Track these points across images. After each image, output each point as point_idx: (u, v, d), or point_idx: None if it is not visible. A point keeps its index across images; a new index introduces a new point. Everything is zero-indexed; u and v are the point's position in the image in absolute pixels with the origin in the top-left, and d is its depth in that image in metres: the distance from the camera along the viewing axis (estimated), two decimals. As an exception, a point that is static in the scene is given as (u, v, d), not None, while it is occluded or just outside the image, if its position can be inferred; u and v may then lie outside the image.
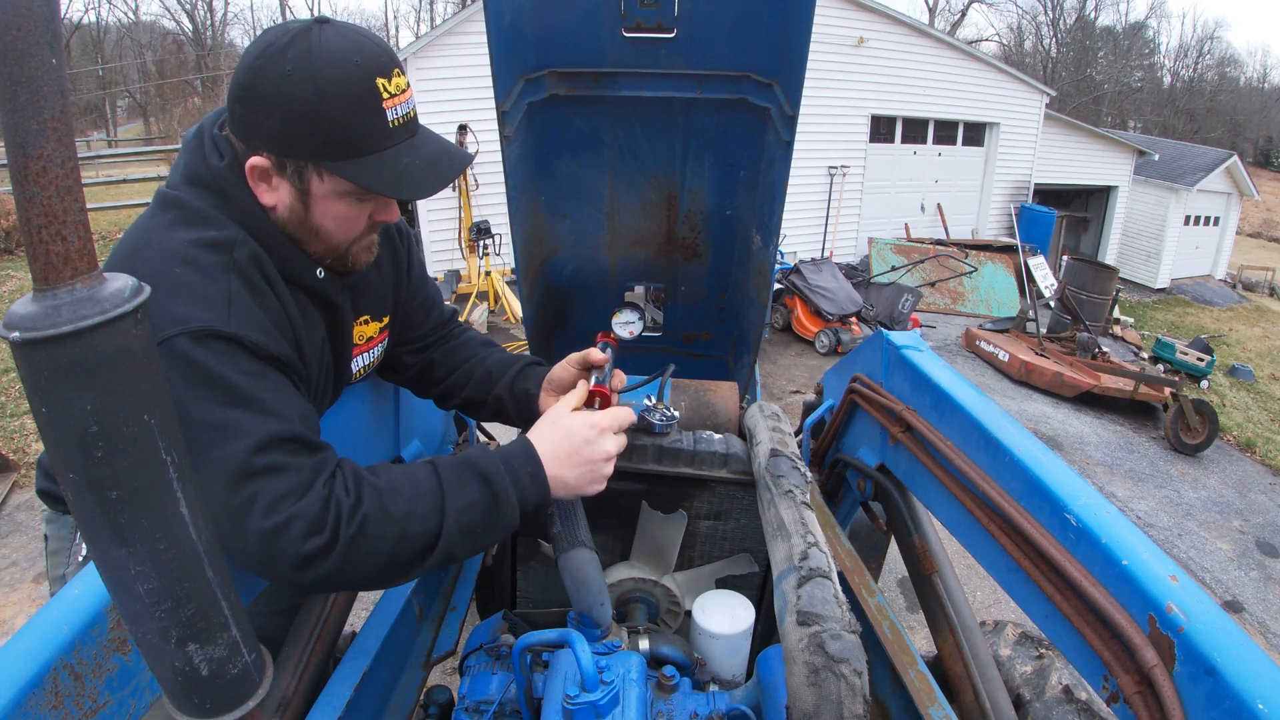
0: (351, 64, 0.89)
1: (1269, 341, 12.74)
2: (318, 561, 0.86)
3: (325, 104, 0.89)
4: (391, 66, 0.93)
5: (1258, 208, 24.64)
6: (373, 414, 1.58)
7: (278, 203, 0.98)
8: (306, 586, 0.89)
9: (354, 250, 1.08)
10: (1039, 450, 1.16)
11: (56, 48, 0.51)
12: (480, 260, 7.71)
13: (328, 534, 0.86)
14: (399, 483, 0.94)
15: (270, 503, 0.83)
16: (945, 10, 35.12)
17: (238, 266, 0.94)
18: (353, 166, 0.93)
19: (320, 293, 1.08)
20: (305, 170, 0.95)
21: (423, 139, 0.99)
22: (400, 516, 0.91)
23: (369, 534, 0.89)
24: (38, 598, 3.50)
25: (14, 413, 5.25)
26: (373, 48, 0.92)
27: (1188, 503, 6.06)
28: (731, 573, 1.51)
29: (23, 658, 0.74)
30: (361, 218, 1.04)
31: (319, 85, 0.88)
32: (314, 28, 0.90)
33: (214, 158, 0.96)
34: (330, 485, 0.89)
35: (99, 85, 26.69)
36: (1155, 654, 0.83)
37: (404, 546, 0.92)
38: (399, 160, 0.95)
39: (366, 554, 0.89)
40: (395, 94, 0.93)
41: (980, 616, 1.50)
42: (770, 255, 1.99)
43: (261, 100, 0.90)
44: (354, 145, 0.92)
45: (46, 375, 0.53)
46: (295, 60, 0.88)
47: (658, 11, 1.67)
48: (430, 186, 0.98)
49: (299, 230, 1.01)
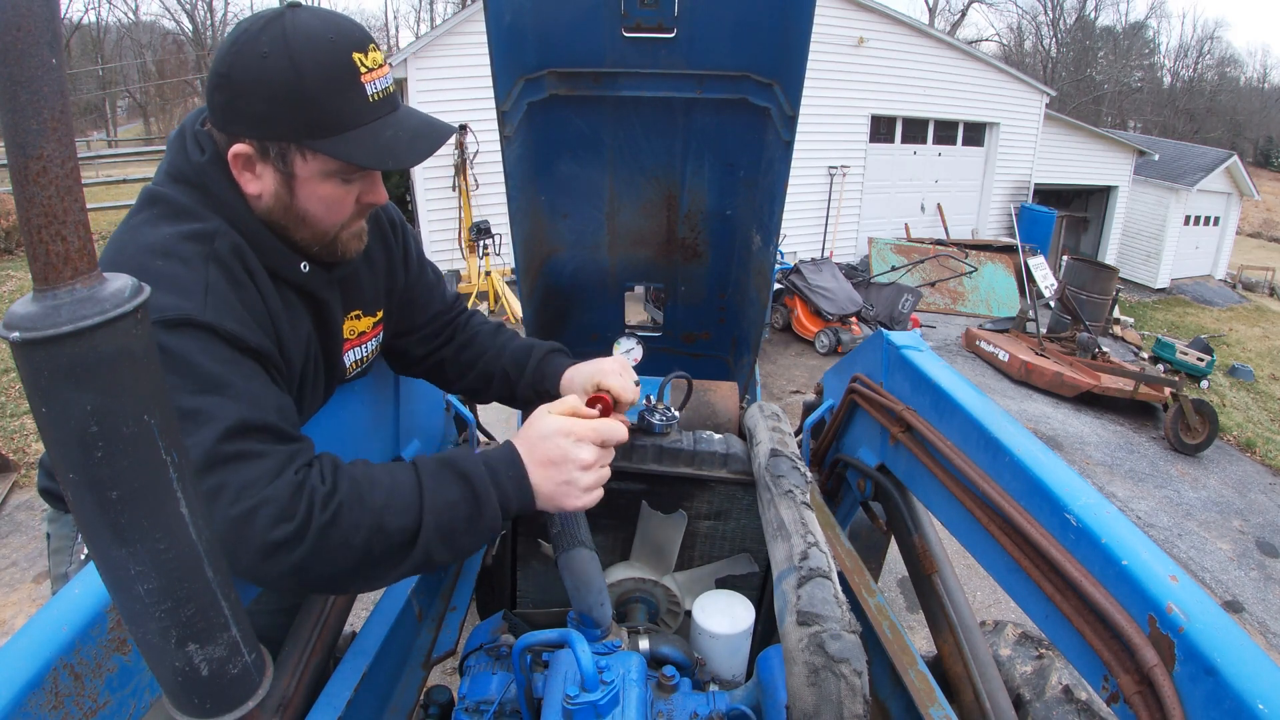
0: (327, 41, 0.90)
1: (1269, 341, 12.73)
2: (285, 550, 0.82)
3: (304, 82, 0.89)
4: (367, 42, 0.94)
5: (1258, 208, 24.64)
6: (372, 414, 1.58)
7: (262, 190, 0.97)
8: (272, 580, 0.85)
9: (343, 237, 1.06)
10: (1039, 450, 1.16)
11: (56, 48, 0.50)
12: (480, 260, 7.72)
13: (298, 521, 0.82)
14: (377, 476, 0.92)
15: (239, 489, 0.81)
16: (945, 10, 35.14)
17: (218, 257, 0.93)
18: (335, 143, 0.93)
19: (305, 287, 1.07)
20: (289, 152, 0.94)
21: (405, 113, 0.99)
22: (378, 508, 0.88)
23: (343, 523, 0.85)
24: (38, 598, 3.50)
25: (14, 413, 5.25)
26: (347, 25, 0.93)
27: (1188, 503, 6.06)
28: (731, 573, 1.51)
29: (23, 658, 0.74)
30: (349, 199, 1.02)
31: (296, 64, 0.88)
32: (286, 12, 0.90)
33: (195, 153, 0.96)
34: (305, 472, 0.86)
35: (99, 85, 26.69)
36: (1155, 654, 0.83)
37: (379, 541, 0.88)
38: (382, 133, 0.95)
39: (339, 545, 0.85)
40: (373, 68, 0.94)
41: (980, 616, 1.50)
42: (770, 255, 1.99)
43: (240, 85, 0.90)
44: (336, 121, 0.92)
45: (46, 375, 0.53)
46: (271, 42, 0.88)
47: (658, 11, 1.67)
48: (415, 156, 0.97)
49: (285, 217, 1.00)
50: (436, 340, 1.41)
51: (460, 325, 1.43)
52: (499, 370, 1.36)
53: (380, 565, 0.90)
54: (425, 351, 1.41)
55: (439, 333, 1.41)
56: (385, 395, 1.63)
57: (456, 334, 1.42)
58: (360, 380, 1.45)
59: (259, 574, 0.84)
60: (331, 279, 1.12)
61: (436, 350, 1.41)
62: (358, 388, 1.47)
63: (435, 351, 1.41)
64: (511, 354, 1.37)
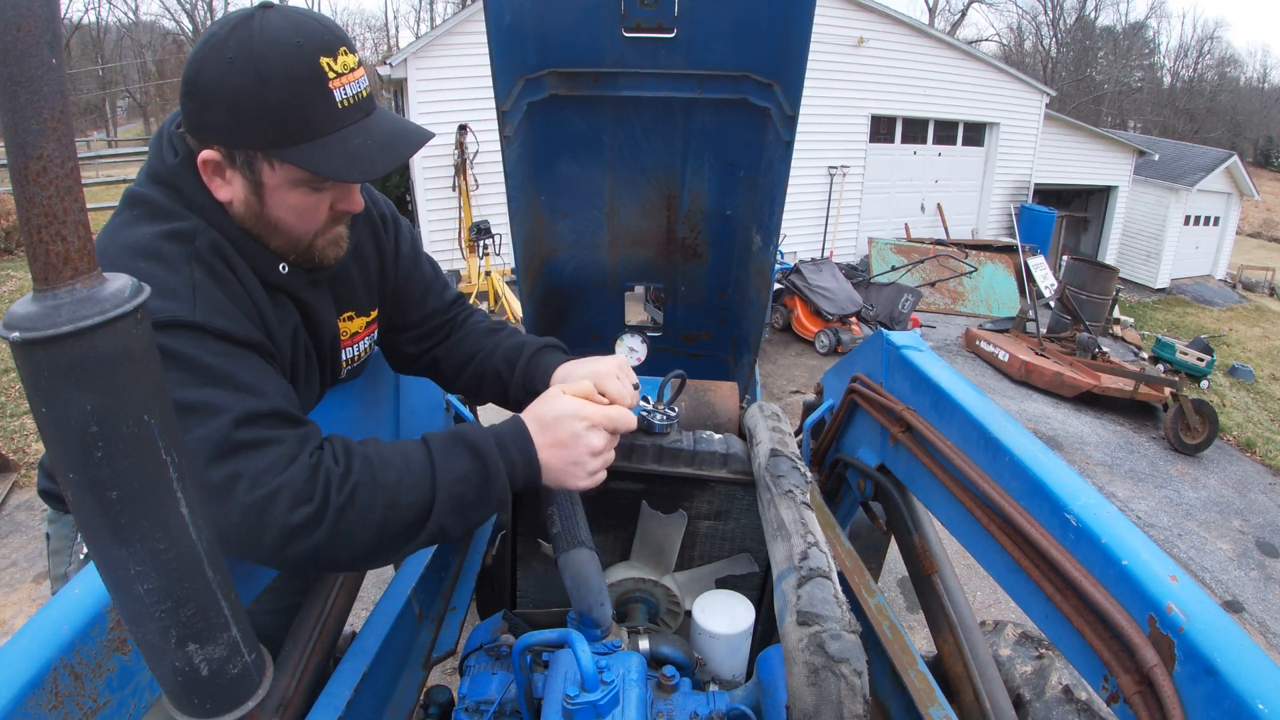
0: (293, 45, 0.87)
1: (1269, 341, 12.73)
2: (305, 533, 0.83)
3: (268, 89, 0.87)
4: (337, 45, 0.90)
5: (1258, 208, 24.64)
6: (372, 414, 1.58)
7: (233, 197, 0.96)
8: (291, 563, 0.86)
9: (319, 244, 1.04)
10: (1039, 450, 1.16)
11: (56, 48, 0.51)
12: (480, 260, 7.71)
13: (316, 503, 0.83)
14: (389, 454, 0.93)
15: (255, 475, 0.81)
16: (945, 10, 35.15)
17: (199, 256, 0.93)
18: (300, 151, 0.90)
19: (285, 288, 1.06)
20: (255, 160, 0.93)
21: (377, 119, 0.96)
22: (391, 485, 0.89)
23: (359, 503, 0.86)
24: (38, 598, 3.50)
25: (14, 413, 5.25)
26: (315, 27, 0.90)
27: (1188, 503, 6.06)
28: (731, 573, 1.51)
29: (23, 658, 0.74)
30: (321, 208, 1.00)
31: (261, 70, 0.86)
32: (256, 14, 0.88)
33: (169, 155, 0.96)
34: (318, 455, 0.87)
35: (99, 85, 26.69)
36: (1155, 654, 0.83)
37: (394, 517, 0.89)
38: (349, 142, 0.92)
39: (356, 525, 0.86)
40: (343, 73, 0.91)
41: (980, 616, 1.50)
42: (770, 255, 1.99)
43: (206, 93, 0.89)
44: (301, 129, 0.90)
45: (46, 375, 0.53)
46: (236, 48, 0.86)
47: (658, 11, 1.67)
48: (383, 166, 0.94)
49: (256, 225, 0.99)
50: (432, 339, 1.39)
51: (457, 323, 1.41)
52: (491, 370, 1.35)
53: (396, 540, 0.91)
54: (419, 350, 1.39)
55: (434, 331, 1.39)
56: (385, 396, 1.63)
57: (452, 332, 1.40)
58: (360, 381, 1.45)
59: (280, 558, 0.85)
60: (316, 279, 1.11)
61: (431, 349, 1.39)
62: (357, 388, 1.47)
63: (430, 350, 1.39)
64: (504, 353, 1.35)
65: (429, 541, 0.95)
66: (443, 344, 1.39)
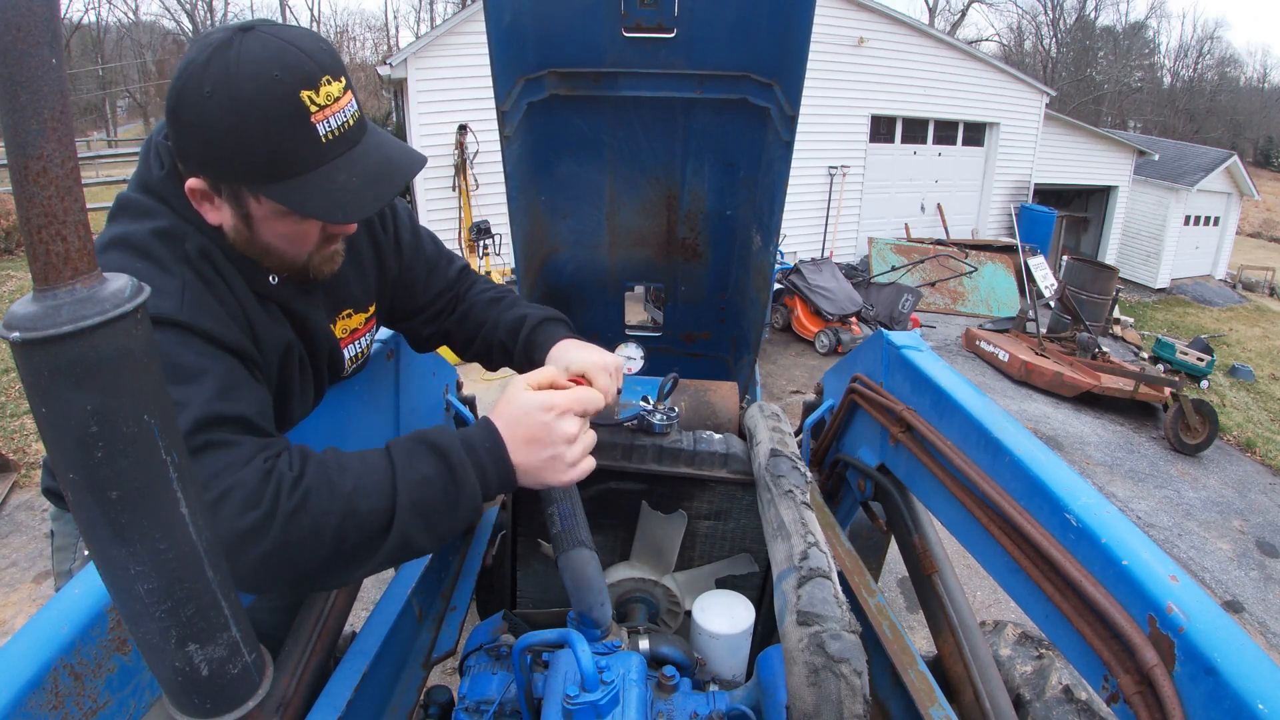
0: (271, 80, 0.83)
1: (1269, 341, 12.73)
2: (253, 540, 0.79)
3: (246, 126, 0.83)
4: (319, 75, 0.86)
5: (1258, 208, 24.63)
6: (371, 415, 1.58)
7: (223, 222, 0.95)
8: (246, 573, 0.81)
9: (313, 263, 1.04)
10: (1039, 450, 1.16)
11: (56, 48, 0.51)
12: (480, 260, 7.72)
13: (265, 506, 0.79)
14: (347, 460, 0.89)
15: (207, 477, 0.79)
16: (945, 10, 35.14)
17: (189, 259, 0.93)
18: (283, 189, 0.88)
19: (276, 298, 1.05)
20: (240, 193, 0.91)
21: (364, 151, 0.92)
22: (347, 492, 0.85)
23: (312, 508, 0.82)
24: (38, 598, 3.50)
25: (14, 413, 5.25)
26: (296, 57, 0.84)
27: (1188, 503, 6.06)
28: (731, 573, 1.51)
29: (23, 658, 0.74)
30: (311, 234, 0.99)
31: (238, 106, 0.82)
32: (235, 38, 0.84)
33: (156, 167, 0.95)
34: (273, 461, 0.84)
35: (99, 85, 26.69)
36: (1155, 654, 0.83)
37: (352, 526, 0.84)
38: (334, 178, 0.89)
39: (310, 532, 0.82)
40: (326, 104, 0.86)
41: (980, 616, 1.50)
42: (770, 255, 1.99)
43: (186, 126, 0.87)
44: (282, 167, 0.87)
45: (46, 375, 0.53)
46: (214, 80, 0.82)
47: (658, 11, 1.67)
48: (368, 207, 0.91)
49: (249, 248, 0.98)
50: (442, 316, 1.40)
51: (461, 296, 1.41)
52: (496, 341, 1.35)
53: (358, 552, 0.86)
54: (432, 330, 1.40)
55: (444, 309, 1.40)
56: (384, 396, 1.63)
57: (458, 306, 1.40)
58: (359, 381, 1.45)
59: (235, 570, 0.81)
60: (307, 288, 1.10)
61: (442, 325, 1.40)
62: (357, 389, 1.47)
63: (441, 327, 1.40)
64: (506, 326, 1.34)
65: (397, 554, 0.89)
66: (450, 317, 1.40)
